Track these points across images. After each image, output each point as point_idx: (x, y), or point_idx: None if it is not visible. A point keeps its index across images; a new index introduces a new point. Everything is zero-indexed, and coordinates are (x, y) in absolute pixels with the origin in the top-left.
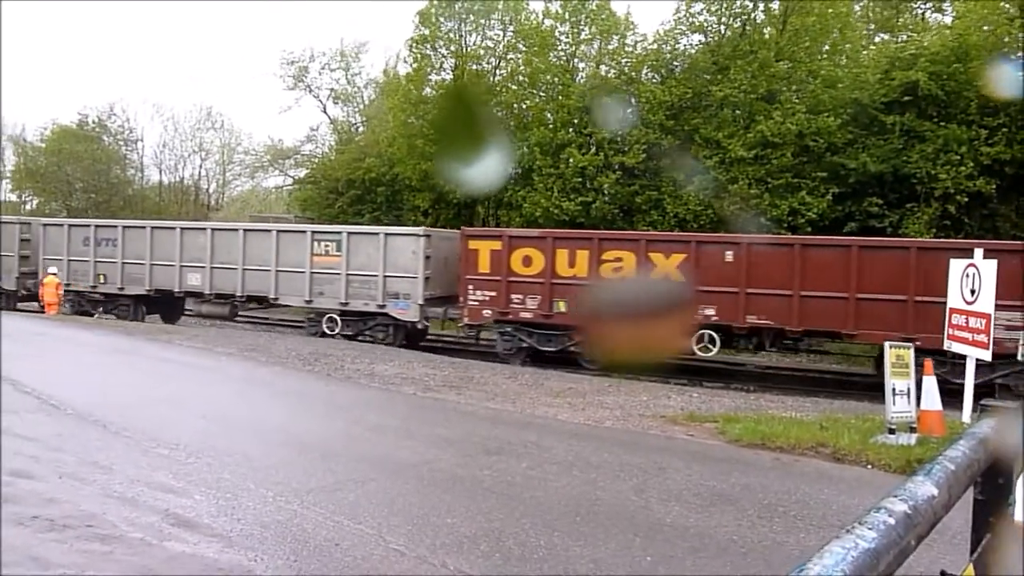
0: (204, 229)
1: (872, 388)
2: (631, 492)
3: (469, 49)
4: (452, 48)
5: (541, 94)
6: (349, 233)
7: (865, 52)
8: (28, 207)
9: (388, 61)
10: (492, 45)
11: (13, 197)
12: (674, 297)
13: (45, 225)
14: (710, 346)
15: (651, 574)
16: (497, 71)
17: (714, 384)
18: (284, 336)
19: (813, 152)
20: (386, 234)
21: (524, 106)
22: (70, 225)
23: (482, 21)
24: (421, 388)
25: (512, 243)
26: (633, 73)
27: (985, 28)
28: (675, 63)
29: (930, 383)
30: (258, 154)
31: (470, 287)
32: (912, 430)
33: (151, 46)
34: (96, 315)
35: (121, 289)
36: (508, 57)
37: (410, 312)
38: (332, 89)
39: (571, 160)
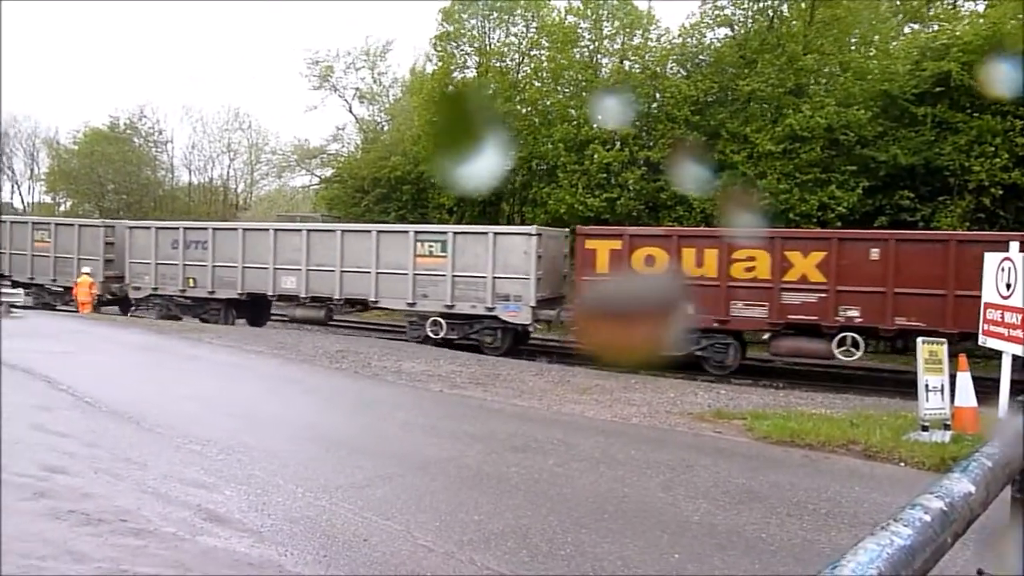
0: (300, 231)
1: (904, 384)
2: (658, 489)
3: (492, 46)
4: (476, 45)
5: (565, 90)
6: (455, 233)
7: (895, 43)
8: (62, 208)
9: (416, 60)
10: (515, 41)
11: (47, 198)
12: (669, 295)
13: (131, 228)
14: (853, 349)
15: (679, 572)
16: (521, 67)
17: (742, 381)
18: (312, 334)
19: (843, 145)
20: (495, 233)
21: (548, 102)
22: (157, 228)
23: (505, 18)
24: (448, 385)
25: (633, 242)
26: (657, 68)
27: (1021, 16)
28: (701, 57)
29: (965, 379)
30: (285, 154)
31: (586, 289)
32: (946, 427)
33: (179, 48)
34: (184, 319)
35: (212, 293)
36: (531, 53)
37: (521, 315)
38: (358, 88)
39: (595, 156)
